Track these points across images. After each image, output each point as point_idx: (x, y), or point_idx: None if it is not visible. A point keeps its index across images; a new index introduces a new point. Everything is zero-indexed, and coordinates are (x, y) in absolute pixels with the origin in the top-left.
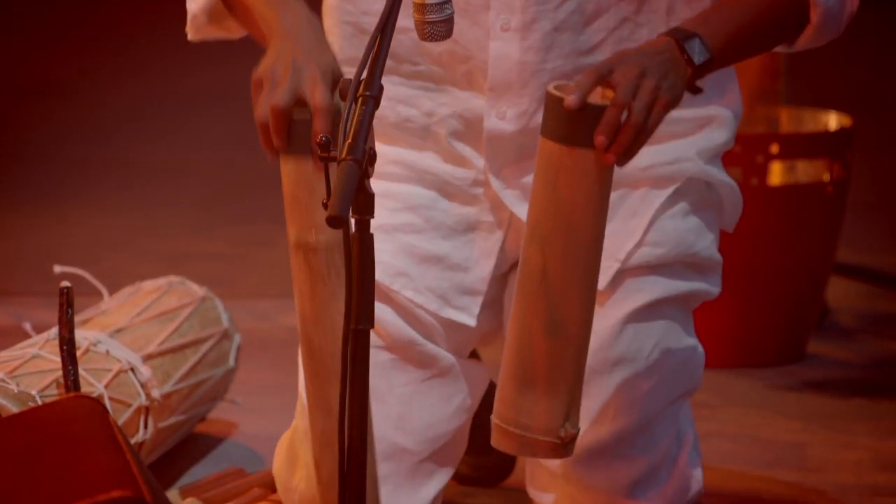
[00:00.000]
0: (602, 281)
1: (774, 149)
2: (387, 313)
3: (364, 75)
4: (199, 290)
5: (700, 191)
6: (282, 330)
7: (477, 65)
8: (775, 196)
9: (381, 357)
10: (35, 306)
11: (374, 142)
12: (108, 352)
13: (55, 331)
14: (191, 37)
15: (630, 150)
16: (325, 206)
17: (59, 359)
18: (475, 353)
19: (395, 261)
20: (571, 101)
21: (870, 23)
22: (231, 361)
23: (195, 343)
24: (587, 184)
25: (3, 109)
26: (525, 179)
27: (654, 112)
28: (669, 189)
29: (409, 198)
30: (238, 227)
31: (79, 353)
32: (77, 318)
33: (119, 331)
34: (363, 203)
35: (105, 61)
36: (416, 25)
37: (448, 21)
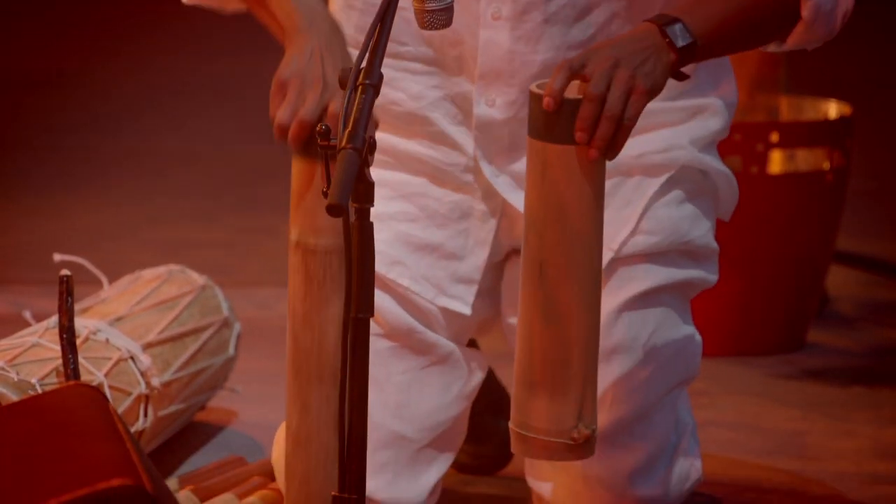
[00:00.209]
0: None
1: (774, 137)
2: (385, 301)
3: (364, 63)
4: (199, 279)
5: (694, 179)
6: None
7: (467, 50)
8: (775, 184)
9: (380, 345)
10: (35, 295)
11: (374, 130)
12: (107, 340)
13: (55, 319)
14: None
15: (614, 143)
16: (324, 194)
17: (58, 347)
18: (474, 343)
19: (391, 249)
20: (548, 102)
21: (870, 11)
22: (231, 350)
23: (195, 331)
24: (576, 180)
25: (4, 99)
26: (516, 167)
27: (631, 102)
28: (663, 177)
29: (402, 186)
30: (238, 215)
31: (78, 342)
32: (77, 307)
33: (119, 319)
34: (363, 192)
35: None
36: (415, 14)
37: (448, 10)
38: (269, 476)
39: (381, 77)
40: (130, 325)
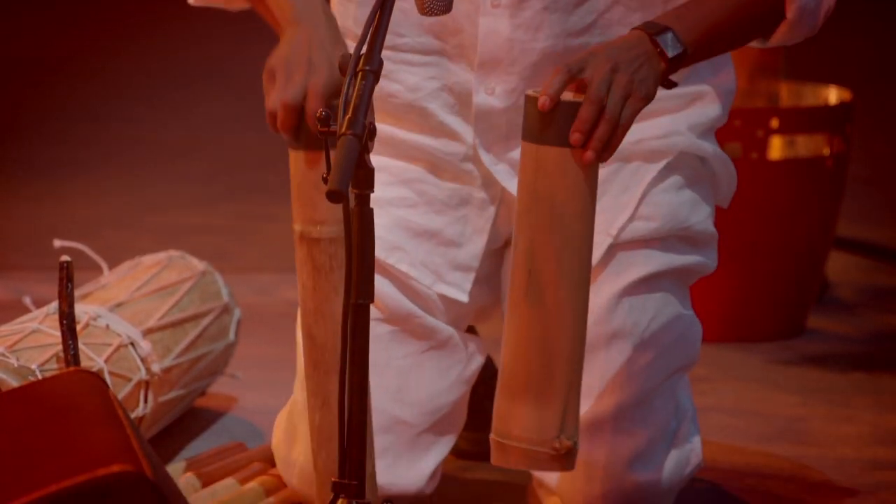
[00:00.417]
0: (594, 256)
1: (774, 123)
2: (385, 286)
3: (364, 50)
4: (199, 265)
5: (693, 165)
6: (282, 304)
7: (467, 38)
8: (775, 170)
9: (380, 329)
10: (35, 281)
11: (374, 116)
12: (108, 326)
13: (55, 305)
14: (192, 1)
15: (608, 146)
16: (324, 180)
17: (59, 333)
18: (472, 329)
19: (390, 235)
20: (544, 102)
21: None
22: (231, 336)
23: (195, 317)
24: (570, 182)
25: (3, 85)
26: (514, 154)
27: (627, 106)
28: (661, 163)
29: (402, 171)
30: (238, 201)
31: (79, 328)
32: (77, 293)
33: (119, 305)
34: (363, 178)
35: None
36: (416, 0)
37: None
38: (269, 462)
39: (381, 63)
40: (130, 311)
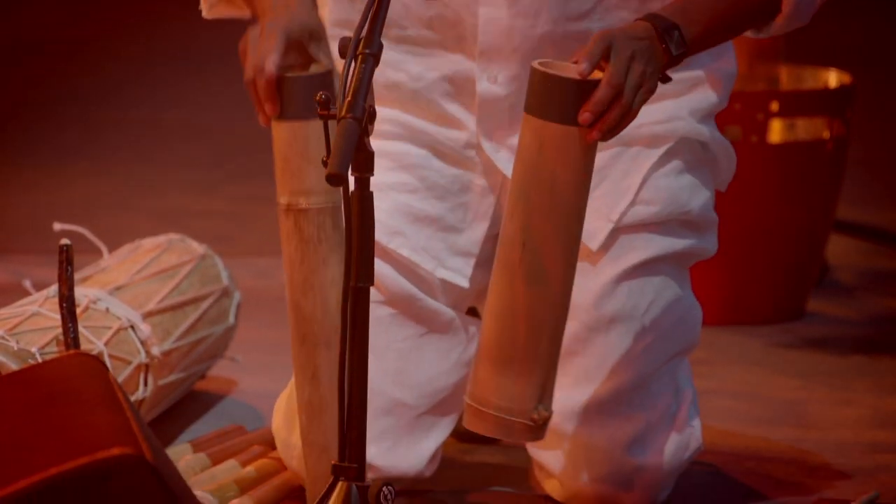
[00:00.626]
0: (595, 242)
1: (774, 106)
2: (385, 269)
3: (363, 33)
4: (198, 248)
5: (694, 150)
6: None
7: (467, 28)
8: (775, 154)
9: (380, 312)
10: (35, 264)
11: (373, 100)
12: (107, 309)
13: (55, 288)
14: (205, 14)
15: (614, 130)
16: (324, 163)
17: (58, 316)
18: (473, 311)
19: (391, 220)
20: (584, 69)
21: None
22: (231, 319)
23: (195, 300)
24: (571, 159)
25: (2, 66)
26: (515, 140)
27: (639, 95)
28: (662, 148)
29: (403, 157)
30: (238, 184)
31: (78, 311)
32: (77, 276)
33: (119, 288)
34: (363, 161)
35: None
36: None
37: None
38: (269, 445)
39: (380, 46)
40: (130, 294)
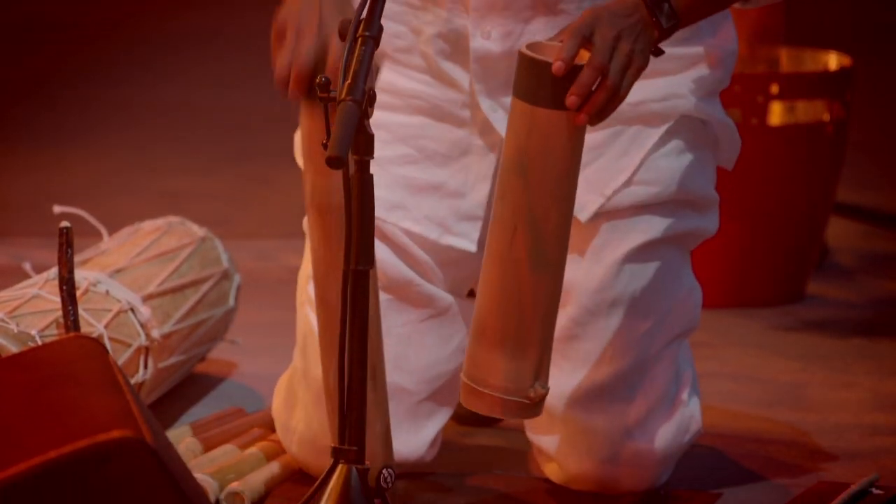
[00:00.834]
0: (584, 214)
1: (774, 89)
2: (384, 253)
3: (363, 15)
4: (198, 231)
5: (695, 129)
6: (281, 270)
7: None
8: (775, 136)
9: (379, 297)
10: (34, 246)
11: (374, 82)
12: (107, 292)
13: (55, 271)
14: None
15: (602, 113)
16: (324, 146)
17: (58, 299)
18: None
19: (390, 194)
20: (559, 67)
21: None
22: (231, 301)
23: (195, 283)
24: (562, 143)
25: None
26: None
27: (627, 75)
28: (662, 128)
29: (400, 128)
30: (238, 167)
31: (78, 294)
32: (76, 259)
33: (119, 271)
34: (363, 144)
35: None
36: None
37: None
38: (269, 427)
39: (380, 29)
40: (130, 277)
